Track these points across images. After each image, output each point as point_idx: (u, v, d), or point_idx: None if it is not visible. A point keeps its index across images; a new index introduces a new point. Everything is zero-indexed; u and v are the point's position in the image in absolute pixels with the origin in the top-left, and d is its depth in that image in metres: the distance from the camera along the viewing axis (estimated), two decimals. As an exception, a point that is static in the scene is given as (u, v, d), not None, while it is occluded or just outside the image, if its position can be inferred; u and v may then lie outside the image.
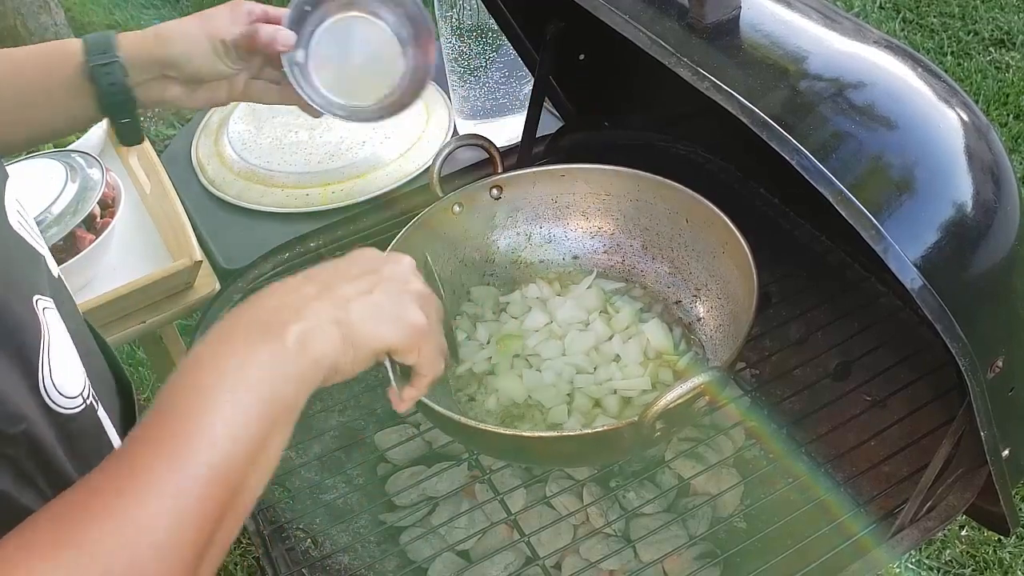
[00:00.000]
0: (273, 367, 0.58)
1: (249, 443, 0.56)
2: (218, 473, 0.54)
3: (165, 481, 0.52)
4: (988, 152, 0.72)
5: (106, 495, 0.52)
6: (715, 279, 1.09)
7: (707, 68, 0.72)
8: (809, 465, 1.03)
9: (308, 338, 0.60)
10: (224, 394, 0.56)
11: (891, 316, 1.06)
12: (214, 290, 1.29)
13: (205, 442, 0.54)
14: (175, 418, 0.55)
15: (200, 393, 0.56)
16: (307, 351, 0.60)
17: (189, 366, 0.59)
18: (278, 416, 0.58)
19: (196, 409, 0.55)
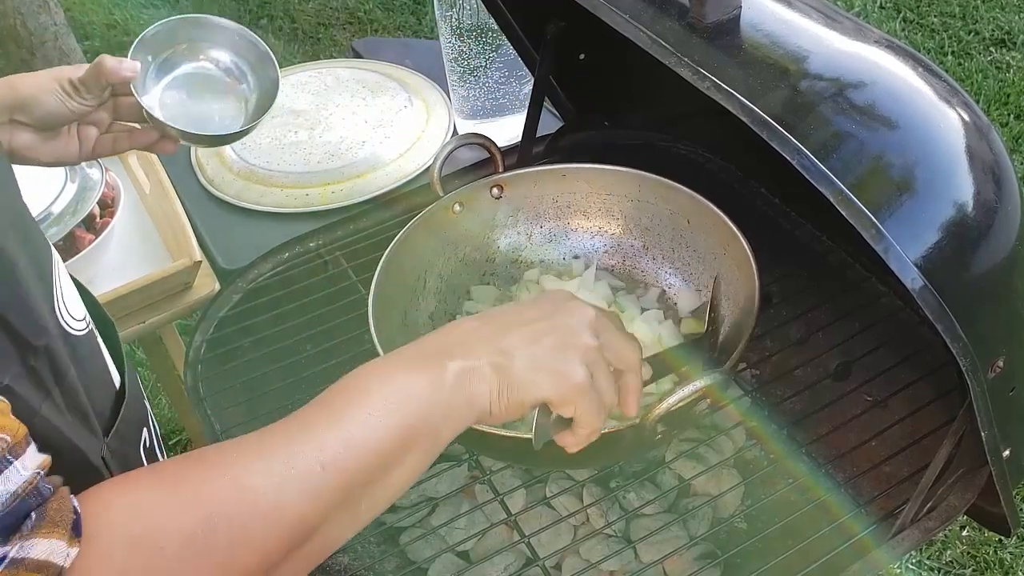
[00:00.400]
0: (424, 392, 0.61)
1: (380, 455, 0.58)
2: (340, 467, 0.56)
3: (285, 460, 0.55)
4: (989, 152, 0.72)
5: (229, 460, 0.55)
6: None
7: (707, 68, 0.71)
8: (810, 465, 1.02)
9: (466, 376, 0.63)
10: (370, 405, 0.59)
11: (892, 316, 1.06)
12: (213, 290, 1.29)
13: (335, 440, 0.57)
14: (319, 410, 0.59)
15: (350, 397, 0.60)
16: (462, 388, 0.63)
17: (355, 374, 0.62)
18: (418, 440, 0.60)
19: (343, 407, 0.59)
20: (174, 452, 2.18)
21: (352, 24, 3.51)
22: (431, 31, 3.33)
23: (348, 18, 3.54)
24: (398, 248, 1.06)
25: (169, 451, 2.18)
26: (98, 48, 3.50)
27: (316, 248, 1.27)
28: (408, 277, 1.10)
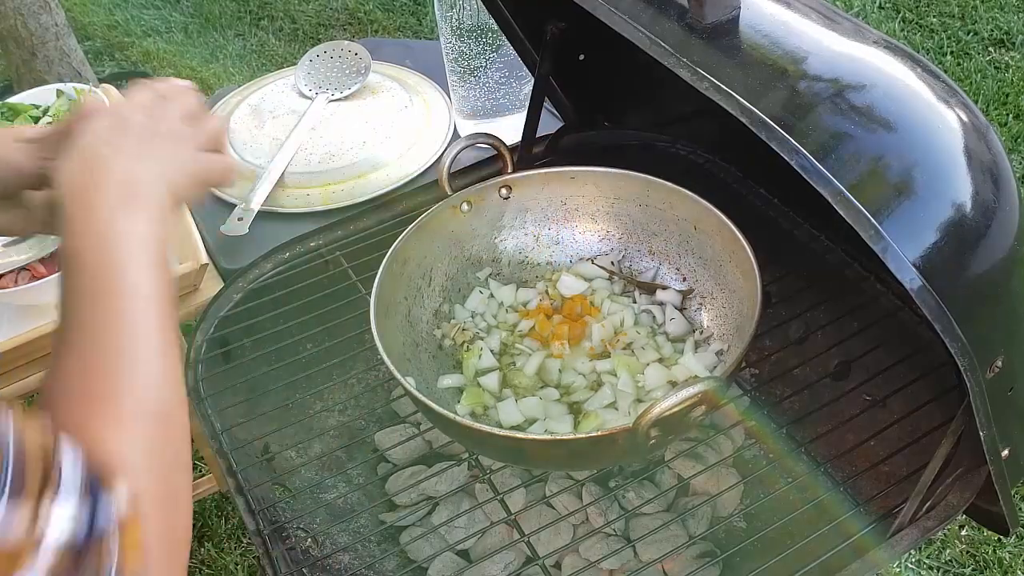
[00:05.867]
0: (147, 227, 0.70)
1: (164, 282, 0.69)
2: (164, 312, 0.67)
3: (134, 322, 0.64)
4: (987, 152, 0.73)
5: (106, 364, 0.61)
6: (720, 287, 1.09)
7: (706, 68, 0.72)
8: (808, 465, 1.03)
9: (148, 194, 0.72)
10: (130, 263, 0.67)
11: (891, 316, 1.06)
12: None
13: (141, 302, 0.66)
14: (105, 288, 0.65)
15: (110, 265, 0.66)
16: (159, 205, 0.73)
17: (92, 240, 0.67)
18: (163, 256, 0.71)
19: (119, 275, 0.66)
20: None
21: (352, 25, 3.51)
22: (431, 31, 3.33)
23: (348, 19, 3.55)
24: (403, 246, 1.06)
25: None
26: (98, 48, 3.51)
27: (316, 248, 1.28)
28: (413, 274, 1.10)
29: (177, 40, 3.50)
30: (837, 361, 1.10)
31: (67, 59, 2.84)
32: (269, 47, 3.44)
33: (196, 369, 1.14)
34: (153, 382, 0.62)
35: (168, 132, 0.76)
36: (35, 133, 0.84)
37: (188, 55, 3.41)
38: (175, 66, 3.35)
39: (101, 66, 3.37)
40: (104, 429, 0.57)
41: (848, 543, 0.89)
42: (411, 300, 1.10)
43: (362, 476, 1.21)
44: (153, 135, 0.74)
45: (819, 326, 1.14)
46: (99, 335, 0.62)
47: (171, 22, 3.60)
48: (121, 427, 0.58)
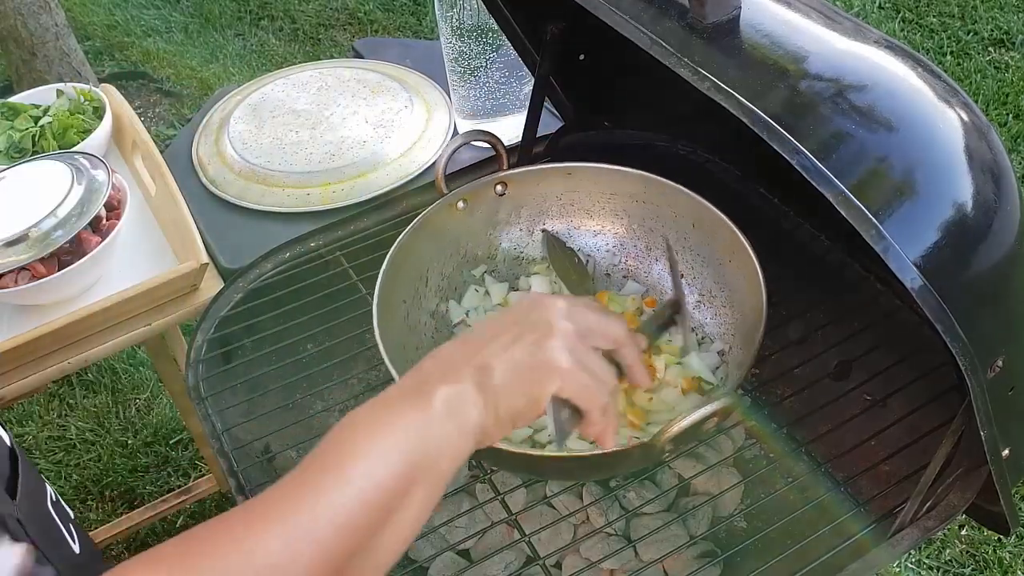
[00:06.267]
0: (419, 428, 0.60)
1: (384, 495, 0.57)
2: (347, 514, 0.56)
3: (292, 519, 0.55)
4: (988, 152, 0.73)
5: (233, 526, 0.55)
6: (720, 287, 1.09)
7: (707, 68, 0.72)
8: (809, 465, 1.03)
9: (452, 402, 0.62)
10: (368, 448, 0.58)
11: (891, 316, 1.06)
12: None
13: (337, 489, 0.56)
14: (315, 466, 0.58)
15: (346, 446, 0.59)
16: (452, 416, 0.62)
17: (342, 423, 0.61)
18: (419, 475, 0.59)
19: (338, 459, 0.58)
20: (175, 451, 2.19)
21: (352, 25, 3.51)
22: (431, 31, 3.33)
23: (348, 19, 3.55)
24: (402, 246, 1.06)
25: (170, 449, 2.19)
26: (98, 48, 3.51)
27: (317, 248, 1.28)
28: (411, 275, 1.10)
29: (177, 40, 3.50)
30: (837, 361, 1.10)
31: (67, 59, 2.84)
32: (269, 47, 3.44)
33: (196, 369, 1.14)
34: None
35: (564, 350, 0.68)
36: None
37: (188, 55, 3.41)
38: (175, 66, 3.35)
39: (101, 66, 3.37)
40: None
41: (848, 543, 0.89)
42: (409, 302, 1.10)
43: (362, 476, 1.20)
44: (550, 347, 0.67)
45: (819, 326, 1.14)
46: (262, 501, 0.56)
47: (171, 22, 3.60)
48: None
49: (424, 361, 0.67)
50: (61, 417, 2.28)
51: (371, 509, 0.56)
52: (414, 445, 0.59)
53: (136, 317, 1.26)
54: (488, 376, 0.65)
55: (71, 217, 1.21)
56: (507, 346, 0.67)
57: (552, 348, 0.67)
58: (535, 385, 0.66)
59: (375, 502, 0.57)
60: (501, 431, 0.66)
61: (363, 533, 0.56)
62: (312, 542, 0.54)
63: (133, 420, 2.26)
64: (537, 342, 0.67)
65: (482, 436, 0.64)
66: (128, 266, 1.32)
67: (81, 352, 1.25)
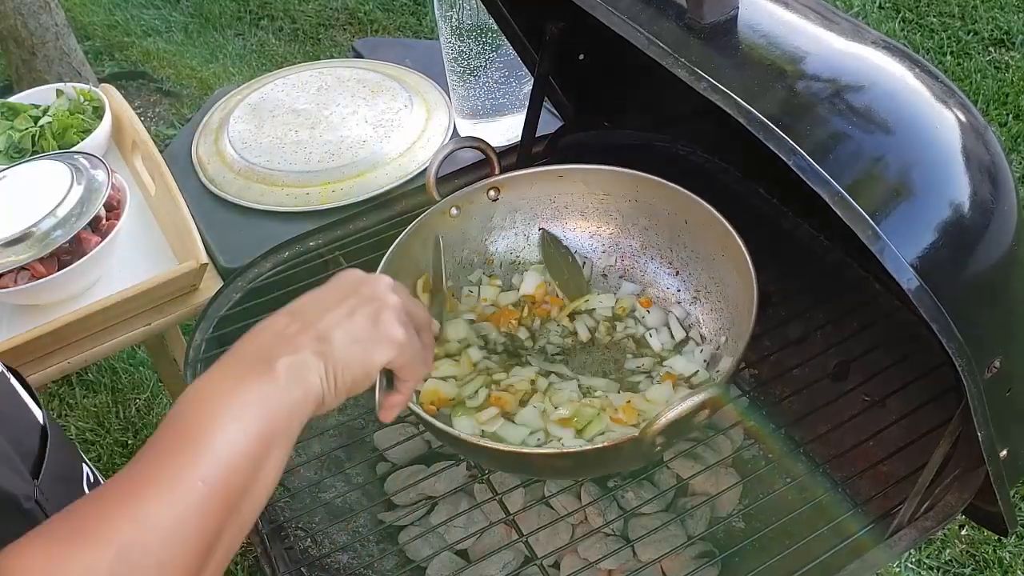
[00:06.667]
0: (267, 396, 0.63)
1: (247, 460, 0.61)
2: (218, 484, 0.58)
3: (171, 487, 0.57)
4: (986, 153, 0.73)
5: (118, 496, 0.57)
6: (715, 282, 1.09)
7: (705, 68, 0.72)
8: (807, 465, 1.03)
9: (295, 370, 0.65)
10: (224, 419, 0.61)
11: (889, 316, 1.06)
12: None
13: (207, 456, 0.59)
14: (180, 436, 0.61)
15: (202, 417, 0.61)
16: (296, 382, 0.65)
17: (191, 396, 0.63)
18: (273, 440, 0.63)
19: (199, 429, 0.61)
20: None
21: (352, 25, 3.51)
22: (431, 31, 3.33)
23: (348, 19, 3.54)
24: (396, 253, 1.06)
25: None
26: (98, 48, 3.51)
27: (316, 247, 1.28)
28: (405, 284, 1.10)
29: (177, 40, 3.50)
30: (836, 361, 1.10)
31: (67, 59, 2.84)
32: (269, 47, 3.44)
33: (195, 369, 1.14)
34: (151, 545, 0.55)
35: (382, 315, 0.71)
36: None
37: (188, 55, 3.41)
38: (175, 66, 3.36)
39: (101, 66, 3.37)
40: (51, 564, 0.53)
41: (847, 543, 0.89)
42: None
43: (361, 476, 1.21)
44: (367, 315, 0.71)
45: (818, 326, 1.14)
46: (136, 473, 0.58)
47: (171, 22, 3.60)
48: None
49: (257, 331, 0.69)
50: (61, 417, 2.28)
51: (239, 474, 0.60)
52: (267, 411, 0.63)
53: (136, 317, 1.27)
54: (328, 345, 0.67)
55: (71, 217, 1.21)
56: (345, 317, 0.70)
57: (388, 321, 0.71)
58: (373, 355, 0.70)
59: (239, 463, 0.60)
60: (337, 399, 0.68)
61: (233, 493, 0.59)
62: (189, 502, 0.57)
63: (133, 420, 2.26)
64: (373, 314, 0.71)
65: (320, 403, 0.67)
66: (128, 266, 1.32)
67: (81, 352, 1.25)
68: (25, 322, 1.25)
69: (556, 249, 1.17)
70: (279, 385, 0.64)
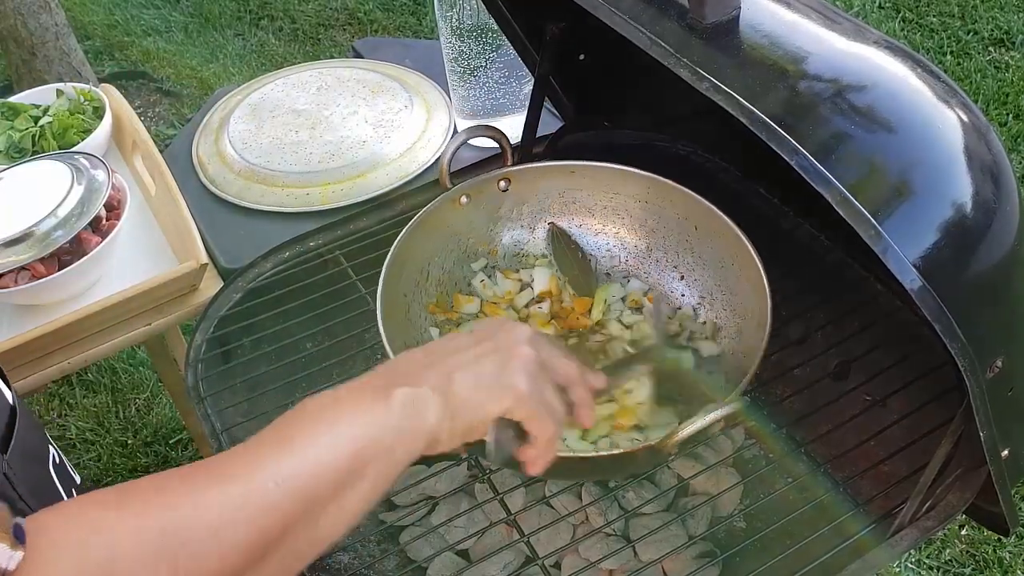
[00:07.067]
0: (375, 419, 0.63)
1: (332, 474, 0.60)
2: (293, 489, 0.58)
3: (240, 480, 0.57)
4: (987, 152, 0.73)
5: (187, 476, 0.57)
6: (721, 289, 1.09)
7: (707, 68, 0.72)
8: (808, 465, 1.03)
9: (412, 402, 0.65)
10: (322, 427, 0.61)
11: (891, 316, 1.06)
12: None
13: (290, 459, 0.59)
14: (275, 434, 0.61)
15: (304, 422, 0.61)
16: (409, 415, 0.65)
17: (305, 402, 0.64)
18: (371, 460, 0.62)
19: (295, 431, 0.60)
20: (175, 451, 2.19)
21: (352, 25, 3.51)
22: (431, 31, 3.33)
23: (348, 19, 3.54)
24: (404, 243, 1.06)
25: (169, 449, 2.19)
26: (98, 48, 3.51)
27: (316, 247, 1.28)
28: (412, 271, 1.10)
29: (177, 40, 3.50)
30: (837, 361, 1.10)
31: (67, 59, 2.84)
32: (269, 47, 3.44)
33: (195, 369, 1.13)
34: (197, 531, 0.54)
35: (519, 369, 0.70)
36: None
37: (188, 55, 3.41)
38: (175, 66, 3.35)
39: (101, 66, 3.37)
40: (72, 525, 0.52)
41: (848, 543, 0.89)
42: (410, 297, 1.10)
43: (362, 476, 1.20)
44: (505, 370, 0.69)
45: (819, 326, 1.14)
46: (217, 461, 0.58)
47: (171, 22, 3.60)
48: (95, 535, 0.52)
49: (392, 361, 0.70)
50: (61, 417, 2.28)
51: (318, 480, 0.59)
52: (367, 432, 0.62)
53: (136, 317, 1.26)
54: (450, 383, 0.67)
55: (71, 217, 1.21)
56: (472, 360, 0.69)
57: (515, 369, 0.70)
58: (492, 402, 0.69)
59: (323, 473, 0.59)
60: (452, 442, 0.68)
61: (307, 500, 0.58)
62: (255, 499, 0.56)
63: (133, 420, 2.26)
64: (502, 361, 0.70)
65: (433, 442, 0.66)
66: (128, 266, 1.32)
67: (81, 352, 1.25)
68: (25, 322, 1.25)
69: (566, 244, 1.17)
70: (391, 412, 0.64)
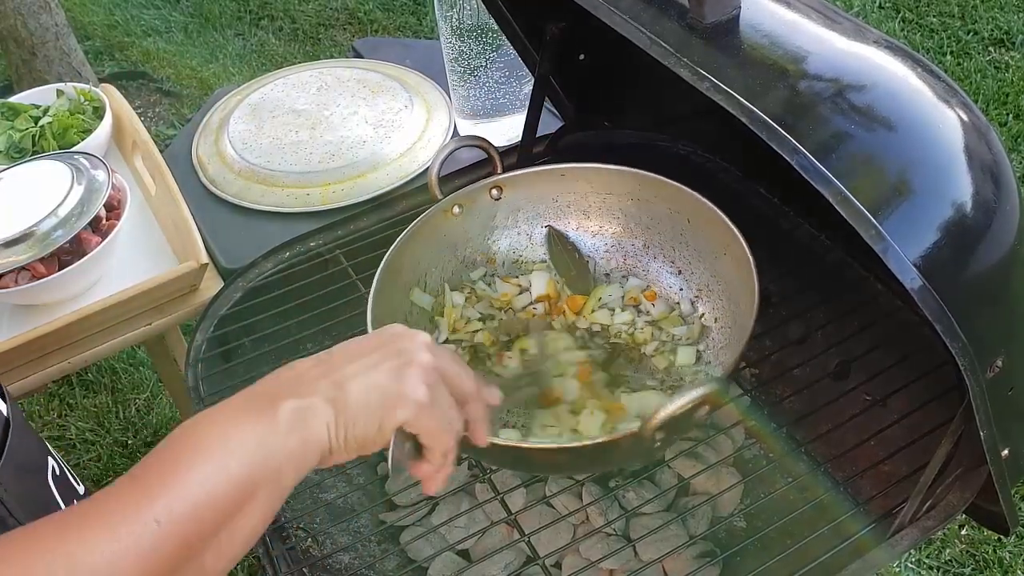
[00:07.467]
0: (260, 438, 0.58)
1: (218, 504, 0.56)
2: (177, 525, 0.54)
3: (119, 522, 0.53)
4: (988, 152, 0.73)
5: (61, 528, 0.53)
6: (717, 280, 1.09)
7: (707, 68, 0.72)
8: (808, 465, 1.03)
9: (300, 416, 0.61)
10: (204, 456, 0.56)
11: (891, 315, 1.06)
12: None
13: (171, 494, 0.54)
14: (155, 467, 0.56)
15: (184, 451, 0.57)
16: (297, 429, 0.60)
17: (186, 425, 0.59)
18: (259, 487, 0.58)
19: (175, 463, 0.56)
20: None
21: (352, 25, 3.51)
22: (431, 31, 3.33)
23: (348, 19, 3.54)
24: (398, 251, 1.06)
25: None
26: (98, 48, 3.51)
27: (316, 247, 1.28)
28: (408, 280, 1.10)
29: (177, 40, 3.50)
30: (837, 361, 1.10)
31: (67, 59, 2.84)
32: (269, 47, 3.44)
33: (196, 369, 1.14)
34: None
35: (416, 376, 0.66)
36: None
37: (188, 55, 3.41)
38: (175, 66, 3.35)
39: (101, 66, 3.37)
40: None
41: (848, 543, 0.89)
42: (408, 305, 1.10)
43: (362, 476, 1.21)
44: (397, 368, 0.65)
45: (819, 326, 1.14)
46: (93, 503, 0.54)
47: (171, 22, 3.60)
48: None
49: (282, 369, 0.65)
50: (61, 417, 2.28)
51: (202, 514, 0.55)
52: (255, 457, 0.58)
53: (136, 317, 1.26)
54: (343, 393, 0.63)
55: (71, 217, 1.21)
56: (367, 368, 0.65)
57: (412, 377, 0.66)
58: (388, 412, 0.65)
59: (207, 506, 0.55)
60: (348, 454, 0.64)
61: (192, 537, 0.55)
62: (137, 544, 0.53)
63: (133, 420, 2.26)
64: (398, 369, 0.66)
65: (326, 454, 0.62)
66: (128, 266, 1.32)
67: (81, 352, 1.25)
68: (25, 322, 1.25)
69: (562, 246, 1.17)
70: (277, 430, 0.59)
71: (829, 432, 1.03)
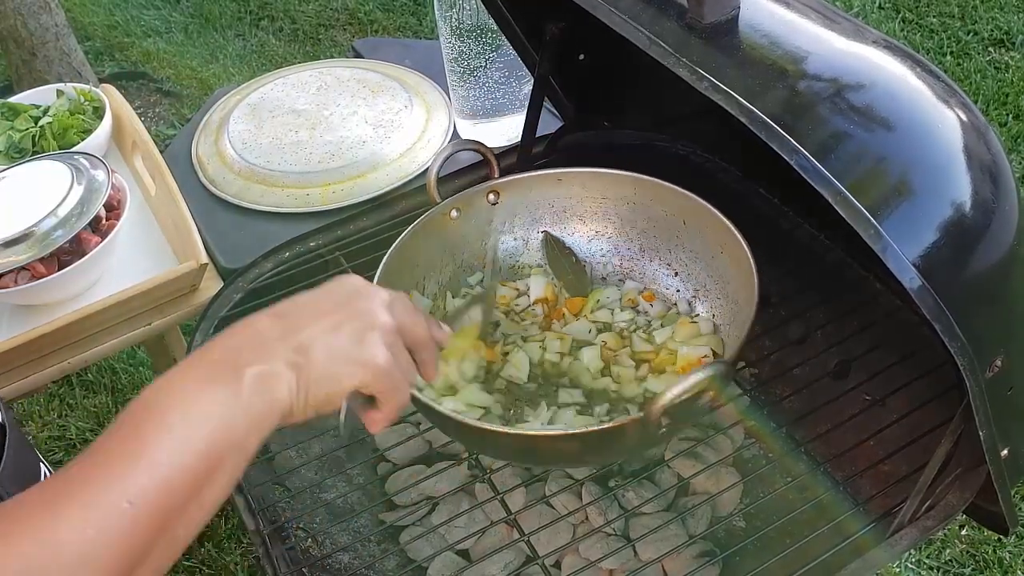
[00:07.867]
0: (225, 407, 0.59)
1: (188, 478, 0.56)
2: (149, 504, 0.54)
3: (90, 506, 0.52)
4: (987, 152, 0.73)
5: (32, 509, 0.52)
6: (714, 280, 1.09)
7: (706, 68, 0.72)
8: (808, 464, 1.03)
9: (263, 382, 0.61)
10: (171, 430, 0.56)
11: (890, 315, 1.06)
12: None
13: (141, 473, 0.54)
14: (120, 444, 0.56)
15: (148, 425, 0.57)
16: (261, 394, 0.61)
17: (146, 396, 0.59)
18: (224, 457, 0.58)
19: (141, 440, 0.56)
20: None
21: (352, 25, 3.51)
22: (431, 31, 3.33)
23: (348, 19, 3.54)
24: (396, 254, 1.06)
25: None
26: (98, 48, 3.51)
27: (316, 248, 1.28)
28: (406, 283, 1.10)
29: (177, 40, 3.50)
30: (837, 361, 1.10)
31: (67, 59, 2.84)
32: (269, 47, 3.44)
33: (196, 369, 1.13)
34: (52, 571, 0.50)
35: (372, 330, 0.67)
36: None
37: (188, 55, 3.41)
38: (175, 66, 3.35)
39: (101, 66, 3.37)
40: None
41: (848, 542, 0.89)
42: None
43: (362, 476, 1.21)
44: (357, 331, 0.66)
45: (819, 326, 1.14)
46: (60, 484, 0.53)
47: (171, 22, 3.60)
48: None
49: (236, 329, 0.65)
50: (61, 417, 2.28)
51: (173, 489, 0.55)
52: (222, 426, 0.58)
53: (136, 317, 1.27)
54: (304, 357, 0.63)
55: (71, 217, 1.21)
56: (328, 331, 0.65)
57: (372, 342, 0.67)
58: (349, 376, 0.66)
59: (177, 481, 0.55)
60: (306, 414, 0.65)
61: (164, 512, 0.55)
62: (109, 524, 0.52)
63: (133, 420, 2.26)
64: (359, 332, 0.66)
65: (287, 416, 0.63)
66: (128, 266, 1.32)
67: (81, 352, 1.25)
68: (25, 322, 1.25)
69: (559, 250, 1.18)
70: (242, 398, 0.59)
71: (829, 432, 1.03)
